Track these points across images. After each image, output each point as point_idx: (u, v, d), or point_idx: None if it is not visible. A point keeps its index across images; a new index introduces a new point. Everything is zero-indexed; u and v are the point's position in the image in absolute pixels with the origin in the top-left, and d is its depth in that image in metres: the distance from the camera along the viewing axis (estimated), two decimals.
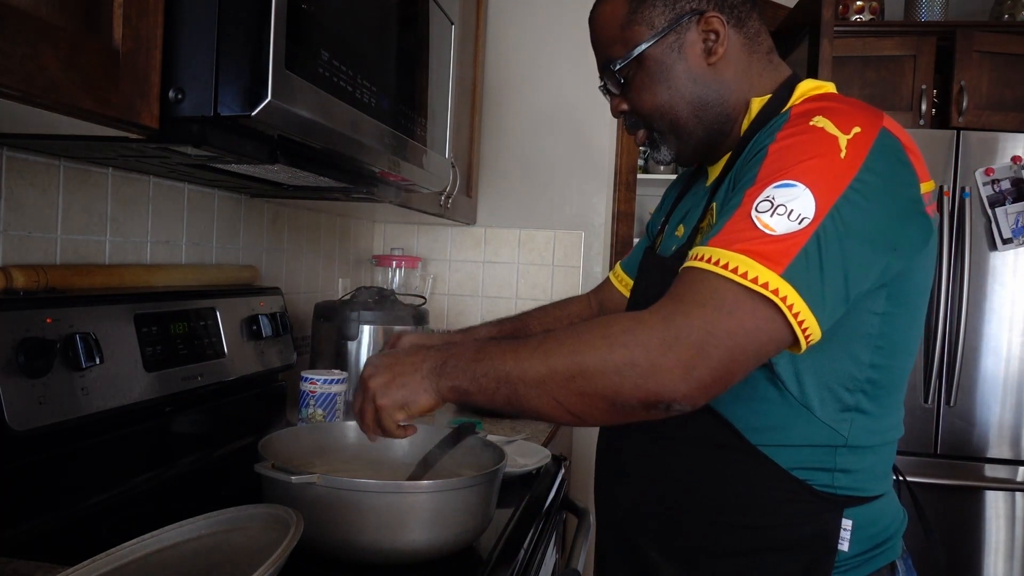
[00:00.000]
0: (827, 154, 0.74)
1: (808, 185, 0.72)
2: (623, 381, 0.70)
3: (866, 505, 0.85)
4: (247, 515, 0.75)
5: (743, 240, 0.72)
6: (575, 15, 2.42)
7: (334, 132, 1.01)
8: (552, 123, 2.45)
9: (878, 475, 0.87)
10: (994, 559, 2.39)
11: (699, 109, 0.93)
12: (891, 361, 0.84)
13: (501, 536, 1.05)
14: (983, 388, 2.41)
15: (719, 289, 0.71)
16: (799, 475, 0.83)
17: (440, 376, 0.80)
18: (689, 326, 0.70)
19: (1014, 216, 2.37)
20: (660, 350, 0.69)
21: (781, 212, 0.72)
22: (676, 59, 0.92)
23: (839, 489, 0.84)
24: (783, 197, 0.72)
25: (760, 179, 0.75)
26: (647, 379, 0.69)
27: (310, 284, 2.03)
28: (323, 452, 1.12)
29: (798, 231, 0.71)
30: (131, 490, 1.12)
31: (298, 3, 0.88)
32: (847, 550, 0.83)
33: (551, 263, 2.46)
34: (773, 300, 0.70)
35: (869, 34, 2.59)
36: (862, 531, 0.84)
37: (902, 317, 0.83)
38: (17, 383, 0.91)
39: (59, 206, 1.14)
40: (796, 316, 0.71)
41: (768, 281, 0.70)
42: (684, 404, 0.70)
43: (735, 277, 0.70)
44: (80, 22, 0.71)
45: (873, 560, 0.86)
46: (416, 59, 1.33)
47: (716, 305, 0.70)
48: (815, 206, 0.72)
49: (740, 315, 0.70)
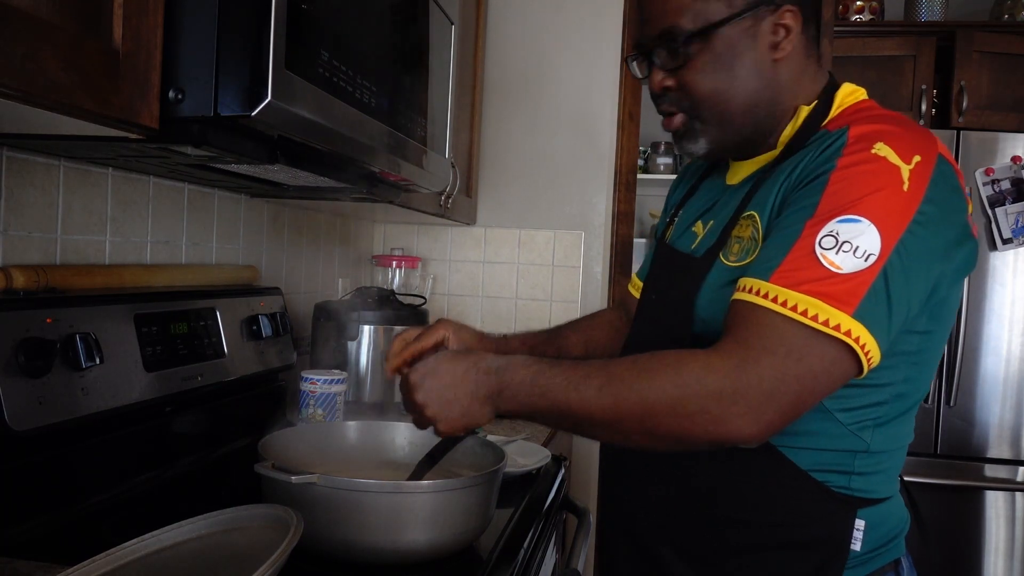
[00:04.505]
0: (891, 186, 0.73)
1: (873, 220, 0.72)
2: (694, 427, 0.72)
3: (877, 506, 0.86)
4: (247, 515, 0.75)
5: (809, 280, 0.72)
6: (575, 15, 2.42)
7: (334, 132, 1.01)
8: (552, 123, 2.45)
9: (891, 477, 0.88)
10: (994, 559, 2.39)
11: (753, 104, 0.89)
12: (921, 373, 0.85)
13: (501, 536, 1.05)
14: (983, 388, 2.41)
15: (787, 334, 0.72)
16: (817, 476, 0.84)
17: (498, 402, 0.82)
18: (760, 375, 0.71)
19: (1014, 216, 2.37)
20: (731, 398, 0.71)
21: (847, 249, 0.72)
22: (747, 46, 0.86)
23: (854, 491, 0.84)
24: (848, 233, 0.72)
25: (822, 211, 0.74)
26: (717, 425, 0.71)
27: (310, 284, 2.03)
28: (323, 452, 1.12)
29: (866, 269, 0.71)
30: (131, 490, 1.12)
31: (298, 3, 0.88)
32: (859, 549, 0.84)
33: (551, 263, 2.46)
34: (845, 341, 0.71)
35: (869, 34, 2.60)
36: (873, 531, 0.85)
37: (938, 333, 0.84)
38: (17, 383, 0.91)
39: (59, 206, 1.14)
40: (864, 349, 0.72)
41: (840, 323, 0.71)
42: (750, 444, 0.73)
43: (805, 320, 0.71)
44: (80, 22, 0.71)
45: (880, 557, 0.87)
46: (416, 59, 1.33)
47: (786, 352, 0.71)
48: (881, 242, 0.72)
49: (810, 360, 0.71)
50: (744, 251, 0.83)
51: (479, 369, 0.82)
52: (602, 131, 2.43)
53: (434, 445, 1.08)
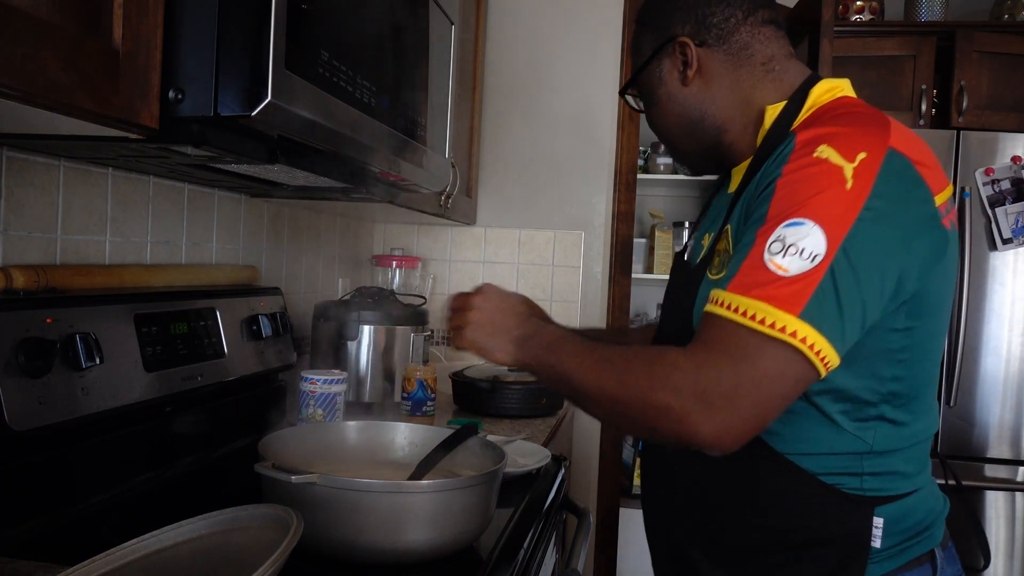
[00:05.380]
0: (833, 186, 0.75)
1: (817, 221, 0.74)
2: (659, 421, 0.77)
3: (898, 502, 0.86)
4: (247, 515, 0.75)
5: (759, 285, 0.74)
6: (575, 15, 2.42)
7: (334, 132, 1.01)
8: (552, 123, 2.45)
9: (909, 474, 0.88)
10: (994, 559, 2.39)
11: (685, 127, 0.99)
12: (913, 372, 0.86)
13: (501, 536, 1.05)
14: (983, 388, 2.41)
15: (741, 339, 0.74)
16: (827, 480, 0.85)
17: (519, 347, 0.92)
18: (718, 378, 0.74)
19: (1014, 216, 2.37)
20: (692, 400, 0.74)
21: (793, 252, 0.74)
22: (657, 83, 0.99)
23: (868, 491, 0.85)
24: (794, 236, 0.74)
25: (770, 218, 0.77)
26: (680, 424, 0.75)
27: (310, 284, 2.03)
28: (323, 452, 1.12)
29: (812, 269, 0.73)
30: (131, 490, 1.12)
31: (298, 3, 0.88)
32: (879, 546, 0.85)
33: (551, 263, 2.46)
34: (792, 343, 0.73)
35: (869, 34, 2.60)
36: (894, 526, 0.86)
37: (923, 329, 0.84)
38: (17, 383, 0.91)
39: (59, 206, 1.14)
40: (817, 353, 0.73)
41: (785, 325, 0.73)
42: (714, 451, 0.75)
43: (754, 324, 0.73)
44: (80, 22, 0.71)
45: (909, 550, 0.87)
46: (416, 59, 1.33)
47: (741, 356, 0.74)
48: (826, 242, 0.73)
49: (763, 363, 0.73)
50: (722, 264, 0.86)
51: (530, 316, 0.96)
52: (602, 131, 2.44)
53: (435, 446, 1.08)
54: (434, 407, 1.74)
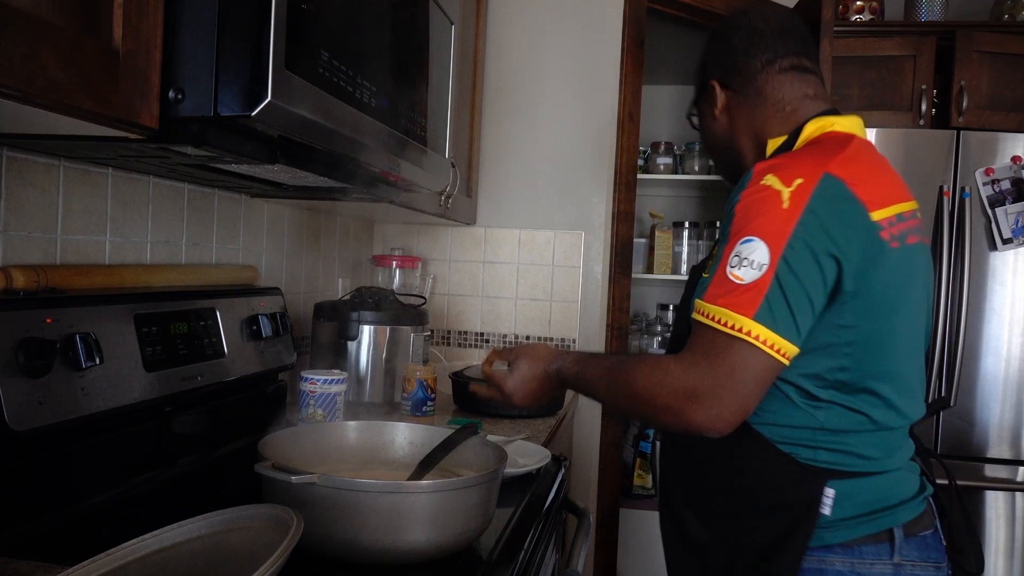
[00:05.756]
0: (773, 208, 0.92)
1: (761, 237, 0.91)
2: (664, 418, 0.95)
3: (854, 479, 0.99)
4: (247, 515, 0.75)
5: (723, 294, 0.92)
6: (575, 15, 2.42)
7: (334, 132, 1.01)
8: (552, 123, 2.45)
9: (872, 457, 0.99)
10: (994, 559, 2.39)
11: (717, 151, 1.22)
12: (861, 364, 0.97)
13: (501, 536, 1.05)
14: (983, 388, 2.41)
15: (713, 340, 0.91)
16: (784, 449, 1.00)
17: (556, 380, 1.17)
18: (700, 376, 0.91)
19: (1014, 216, 2.37)
20: (684, 398, 0.92)
21: (746, 264, 0.91)
22: (700, 115, 1.23)
23: (822, 463, 0.99)
24: (746, 251, 0.91)
25: (731, 236, 0.94)
26: (680, 418, 0.92)
27: (310, 284, 2.03)
28: (323, 452, 1.12)
29: (760, 277, 0.90)
30: (131, 490, 1.12)
31: (298, 3, 0.88)
32: (829, 514, 0.97)
33: (551, 263, 2.46)
34: (749, 341, 0.89)
35: (869, 34, 2.59)
36: (848, 499, 0.98)
37: (868, 327, 0.96)
38: (17, 383, 0.91)
39: (59, 206, 1.14)
40: (772, 347, 0.90)
41: (743, 326, 0.89)
42: (713, 434, 0.92)
43: (720, 327, 0.91)
44: (80, 22, 0.71)
45: (864, 525, 0.99)
46: (416, 59, 1.33)
47: (714, 354, 0.91)
48: (769, 253, 0.90)
49: (731, 359, 0.90)
50: (711, 271, 0.98)
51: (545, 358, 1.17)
52: (602, 131, 2.43)
53: (435, 446, 1.08)
54: (434, 407, 1.74)
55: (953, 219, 2.39)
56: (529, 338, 2.47)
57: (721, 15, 2.60)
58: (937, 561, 1.02)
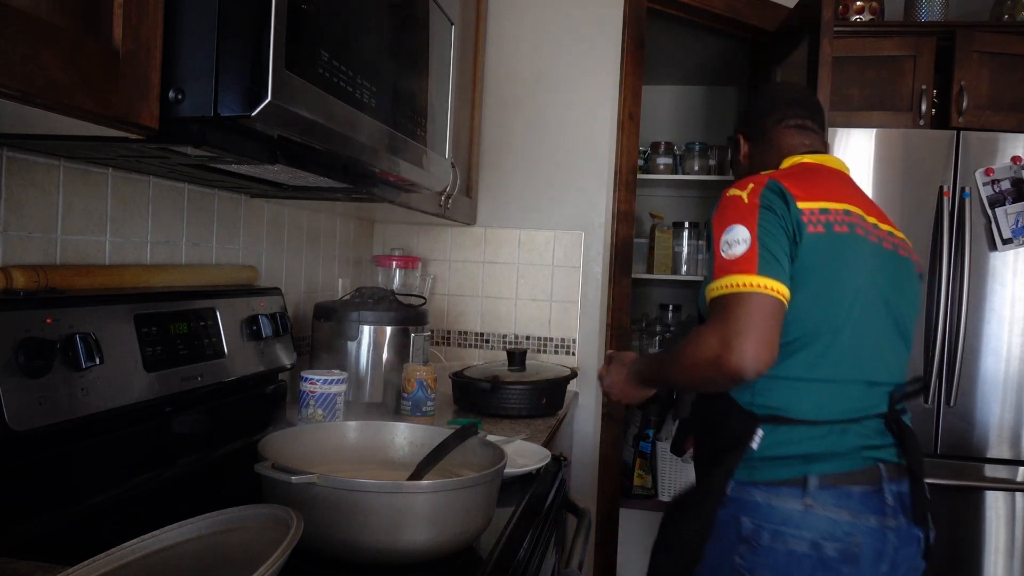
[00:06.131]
0: (738, 205, 1.24)
1: (738, 222, 1.22)
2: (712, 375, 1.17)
3: (782, 426, 1.23)
4: (247, 515, 0.75)
5: (727, 268, 1.19)
6: (575, 15, 2.42)
7: (334, 132, 1.01)
8: (552, 123, 2.45)
9: (802, 411, 1.23)
10: (994, 559, 2.39)
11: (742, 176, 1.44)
12: (789, 329, 1.21)
13: (501, 536, 1.05)
14: (983, 388, 2.41)
15: (728, 301, 1.17)
16: (734, 395, 1.27)
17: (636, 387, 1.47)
18: (726, 328, 1.15)
19: (1014, 216, 2.37)
20: (719, 349, 1.15)
21: (735, 243, 1.20)
22: (732, 158, 1.61)
23: (757, 408, 1.24)
24: (731, 237, 1.21)
25: (715, 236, 1.24)
26: (722, 368, 1.14)
27: (310, 284, 2.03)
28: (323, 452, 1.12)
29: (749, 247, 1.19)
30: (131, 490, 1.12)
31: (298, 3, 0.88)
32: (755, 448, 1.22)
33: (551, 263, 2.46)
34: (758, 291, 1.16)
35: (869, 34, 2.59)
36: (770, 439, 1.23)
37: (800, 297, 1.21)
38: (17, 383, 0.91)
39: (59, 206, 1.14)
40: (775, 291, 1.16)
41: (750, 281, 1.17)
42: (752, 373, 1.13)
43: (733, 289, 1.17)
44: (80, 22, 0.71)
45: (782, 468, 1.22)
46: (416, 59, 1.33)
47: (733, 309, 1.16)
48: (747, 230, 1.20)
49: (748, 307, 1.15)
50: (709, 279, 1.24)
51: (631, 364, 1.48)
52: (602, 131, 2.43)
53: (434, 446, 1.08)
54: (434, 407, 1.74)
55: (953, 219, 2.39)
56: (529, 338, 2.47)
57: (720, 15, 2.60)
58: (857, 512, 1.19)
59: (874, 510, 1.20)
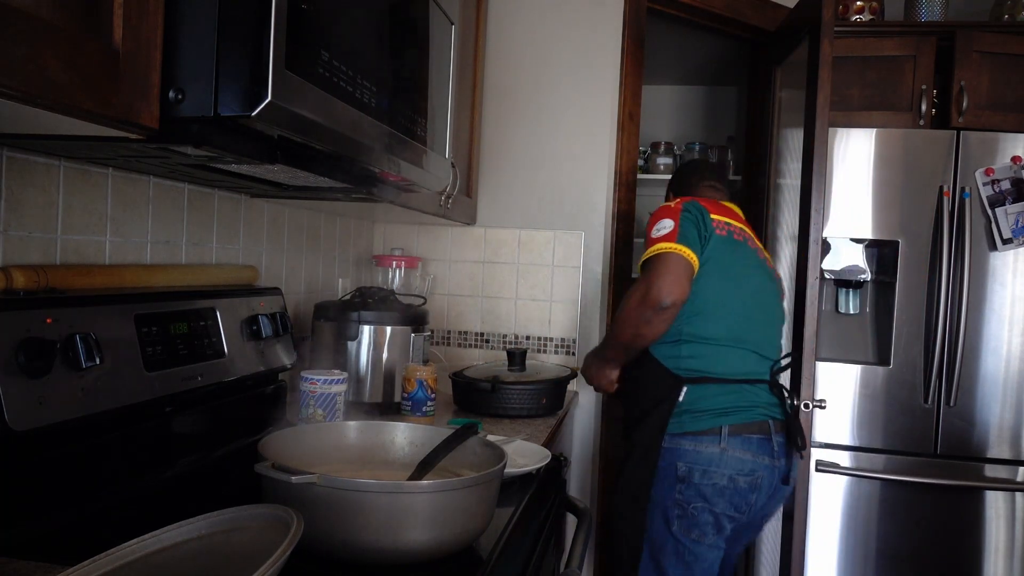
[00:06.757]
0: (667, 210, 1.70)
1: (665, 217, 1.67)
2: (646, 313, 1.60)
3: (700, 385, 1.65)
4: (247, 515, 0.75)
5: (653, 242, 1.64)
6: (575, 15, 2.42)
7: (334, 132, 1.01)
8: (552, 123, 2.45)
9: (717, 374, 1.66)
10: (994, 559, 2.39)
11: None
12: (695, 307, 1.65)
13: (501, 536, 1.05)
14: (983, 388, 2.41)
15: (652, 260, 1.62)
16: (662, 361, 1.69)
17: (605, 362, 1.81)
18: (649, 276, 1.60)
19: (1014, 216, 2.37)
20: (646, 291, 1.59)
21: (661, 228, 1.65)
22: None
23: (682, 371, 1.67)
24: (659, 225, 1.66)
25: (649, 229, 1.69)
26: (650, 304, 1.58)
27: (310, 284, 2.03)
28: (323, 452, 1.12)
29: (672, 228, 1.64)
30: (131, 490, 1.12)
31: (298, 3, 0.88)
32: (681, 400, 1.64)
33: (551, 263, 2.46)
34: (673, 251, 1.60)
35: (869, 34, 2.59)
36: (693, 395, 1.65)
37: (704, 285, 1.65)
38: (17, 383, 0.91)
39: (59, 206, 1.14)
40: (688, 255, 1.61)
41: (669, 247, 1.61)
42: (669, 302, 1.56)
43: (655, 252, 1.62)
44: (80, 22, 0.71)
45: (702, 420, 1.63)
46: (416, 59, 1.33)
47: (654, 264, 1.61)
48: (672, 221, 1.65)
49: (666, 260, 1.60)
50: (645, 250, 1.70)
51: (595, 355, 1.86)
52: (602, 131, 2.43)
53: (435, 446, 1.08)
54: (434, 407, 1.74)
55: (953, 219, 2.39)
56: (529, 338, 2.47)
57: (720, 15, 2.60)
58: (756, 453, 1.62)
59: (767, 453, 1.64)
